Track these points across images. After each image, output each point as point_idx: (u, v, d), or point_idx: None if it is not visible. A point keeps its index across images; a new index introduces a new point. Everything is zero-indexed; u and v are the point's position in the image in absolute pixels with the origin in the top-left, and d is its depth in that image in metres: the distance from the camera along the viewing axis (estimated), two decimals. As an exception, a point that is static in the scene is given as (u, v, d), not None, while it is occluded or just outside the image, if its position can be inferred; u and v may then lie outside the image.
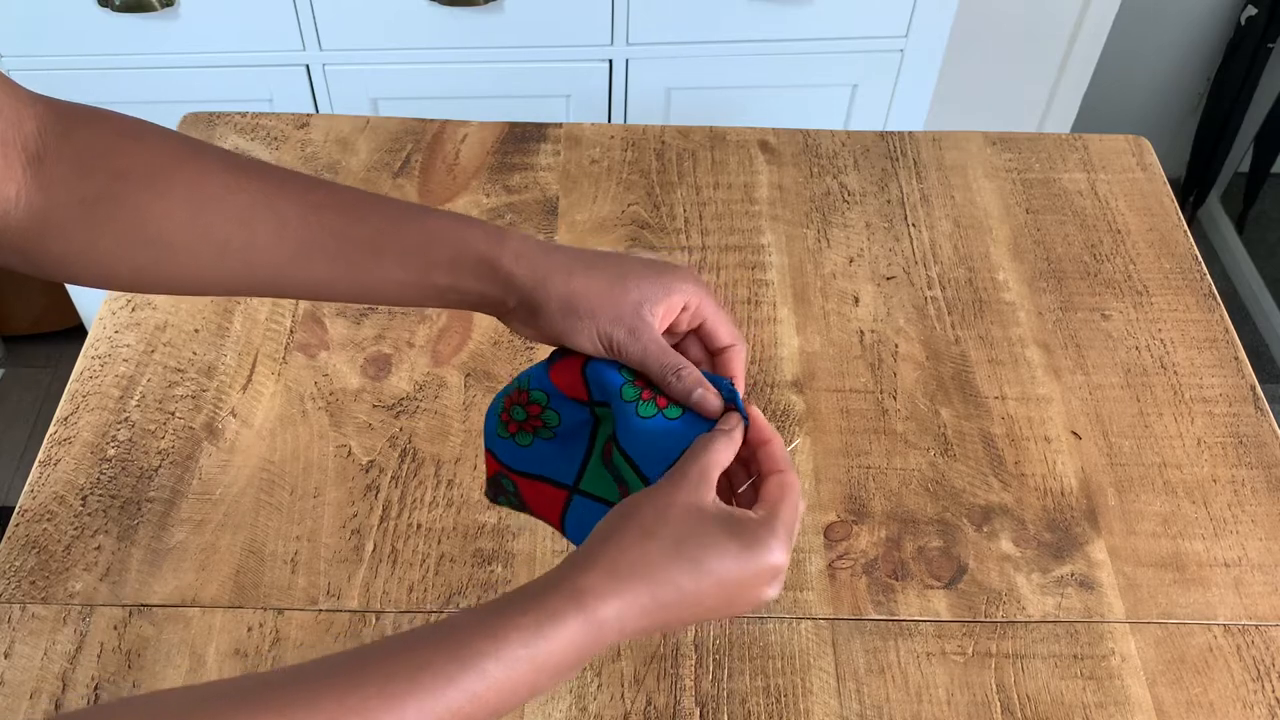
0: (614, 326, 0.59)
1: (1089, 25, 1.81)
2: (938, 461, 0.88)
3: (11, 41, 1.44)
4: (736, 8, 1.46)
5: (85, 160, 0.56)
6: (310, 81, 1.50)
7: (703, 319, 0.62)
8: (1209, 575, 0.82)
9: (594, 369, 0.60)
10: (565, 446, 0.63)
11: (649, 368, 0.59)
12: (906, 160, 1.14)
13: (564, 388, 0.61)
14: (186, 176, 0.58)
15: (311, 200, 0.60)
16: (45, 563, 0.80)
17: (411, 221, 0.60)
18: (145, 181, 0.57)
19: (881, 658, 0.77)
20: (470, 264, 0.59)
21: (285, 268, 0.59)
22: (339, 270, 0.60)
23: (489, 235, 0.60)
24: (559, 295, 0.59)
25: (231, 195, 0.58)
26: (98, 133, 0.58)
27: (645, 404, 0.59)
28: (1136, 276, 1.03)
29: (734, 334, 0.62)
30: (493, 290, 0.60)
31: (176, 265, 0.59)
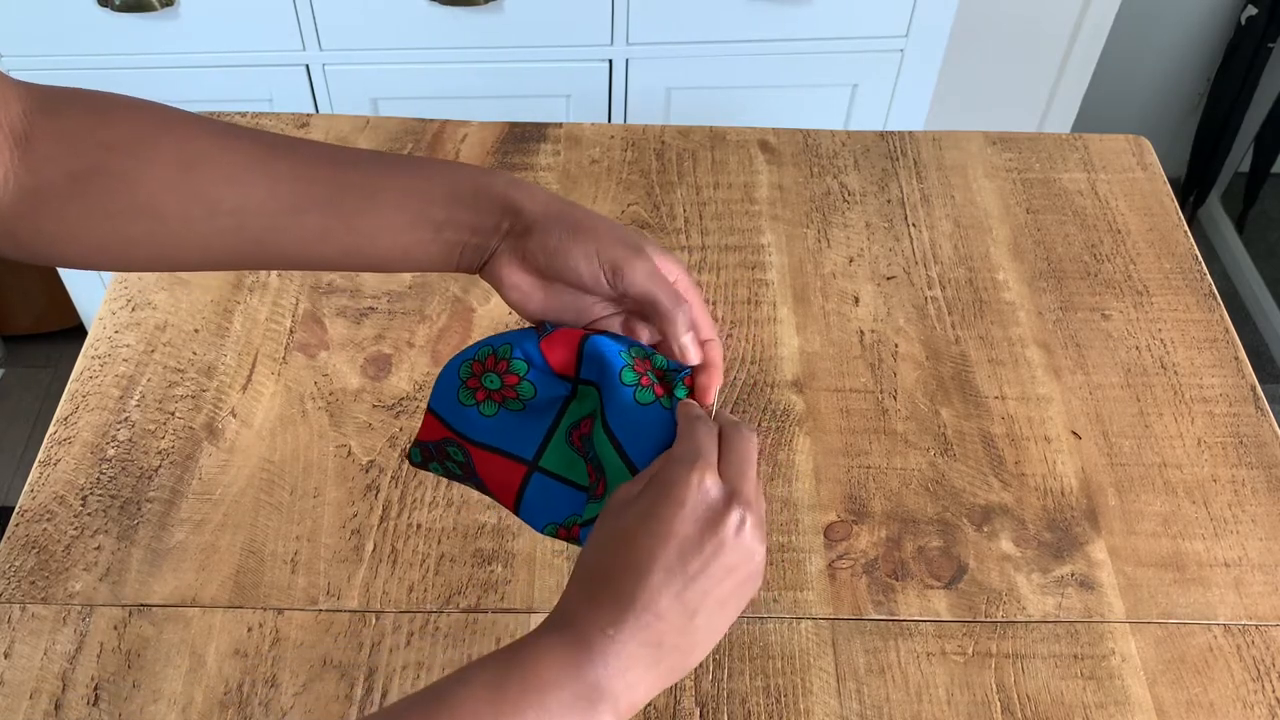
0: (618, 249, 0.56)
1: (1089, 25, 1.81)
2: (938, 461, 0.88)
3: (11, 41, 1.44)
4: (736, 8, 1.46)
5: (73, 135, 0.56)
6: (310, 81, 1.50)
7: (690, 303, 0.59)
8: (1209, 575, 0.82)
9: (594, 344, 0.57)
10: (529, 419, 0.60)
11: (656, 296, 0.56)
12: (906, 160, 1.14)
13: (554, 363, 0.59)
14: (174, 139, 0.57)
15: (303, 154, 0.59)
16: (45, 563, 0.80)
17: (403, 164, 0.60)
18: (133, 148, 0.57)
19: (881, 658, 0.77)
20: (467, 193, 0.58)
21: (278, 221, 0.58)
22: (333, 219, 0.58)
23: (485, 170, 0.59)
24: (561, 214, 0.57)
25: (221, 154, 0.58)
26: (84, 108, 0.57)
27: (644, 390, 0.57)
28: (1136, 276, 1.03)
29: (713, 327, 0.60)
30: (487, 216, 0.58)
31: (168, 233, 0.58)
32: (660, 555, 0.49)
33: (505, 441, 0.60)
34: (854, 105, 1.59)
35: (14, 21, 1.41)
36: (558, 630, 0.49)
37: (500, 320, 0.96)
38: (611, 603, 0.49)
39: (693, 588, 0.49)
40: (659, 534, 0.49)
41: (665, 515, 0.50)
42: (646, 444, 0.56)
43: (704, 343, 0.59)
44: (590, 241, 0.56)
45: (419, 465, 0.64)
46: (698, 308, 0.59)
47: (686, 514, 0.50)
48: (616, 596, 0.49)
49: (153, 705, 0.73)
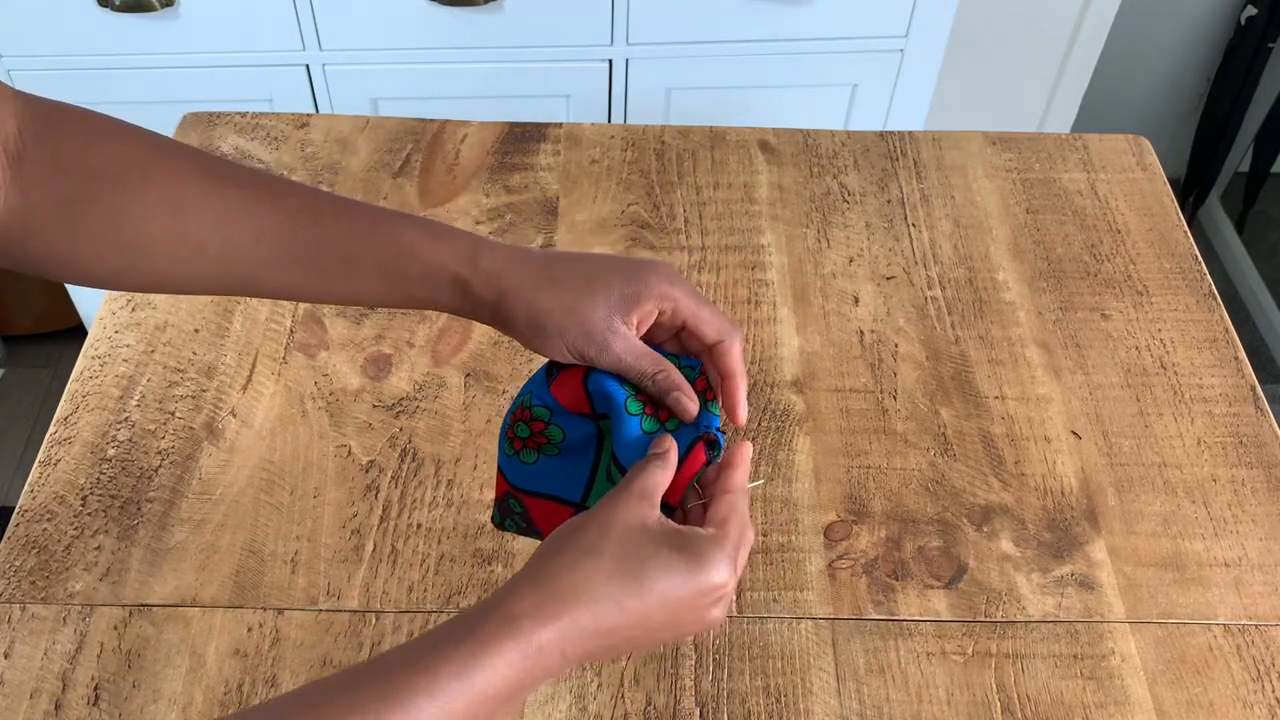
0: (584, 342, 0.58)
1: (1089, 25, 1.81)
2: (938, 461, 0.88)
3: (11, 41, 1.44)
4: (736, 8, 1.46)
5: (61, 160, 0.56)
6: (310, 81, 1.50)
7: (683, 319, 0.60)
8: (1209, 575, 0.82)
9: (595, 381, 0.59)
10: (571, 462, 0.62)
11: (626, 375, 0.59)
12: (906, 160, 1.14)
13: (566, 402, 0.60)
14: (162, 178, 0.58)
15: (286, 206, 0.60)
16: (45, 563, 0.80)
17: (385, 234, 0.60)
18: (120, 182, 0.57)
19: (881, 658, 0.77)
20: (443, 282, 0.60)
21: (262, 271, 0.60)
22: (315, 278, 0.60)
23: (459, 253, 0.60)
24: (525, 314, 0.59)
25: (207, 199, 0.58)
26: (73, 132, 0.57)
27: (649, 419, 0.58)
28: (1136, 276, 1.03)
29: (721, 328, 0.60)
30: (466, 306, 0.60)
31: (153, 267, 0.59)
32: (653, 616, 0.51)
33: (551, 486, 0.62)
34: (854, 105, 1.59)
35: (14, 21, 1.41)
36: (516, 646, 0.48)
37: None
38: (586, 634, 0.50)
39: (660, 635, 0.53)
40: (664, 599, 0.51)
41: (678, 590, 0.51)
42: None
43: (711, 348, 0.60)
44: (559, 341, 0.58)
45: (499, 526, 0.66)
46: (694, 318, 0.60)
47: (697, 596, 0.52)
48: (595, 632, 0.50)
49: (153, 705, 0.73)
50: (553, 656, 0.49)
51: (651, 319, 0.60)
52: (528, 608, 0.49)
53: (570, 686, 0.74)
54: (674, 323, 0.60)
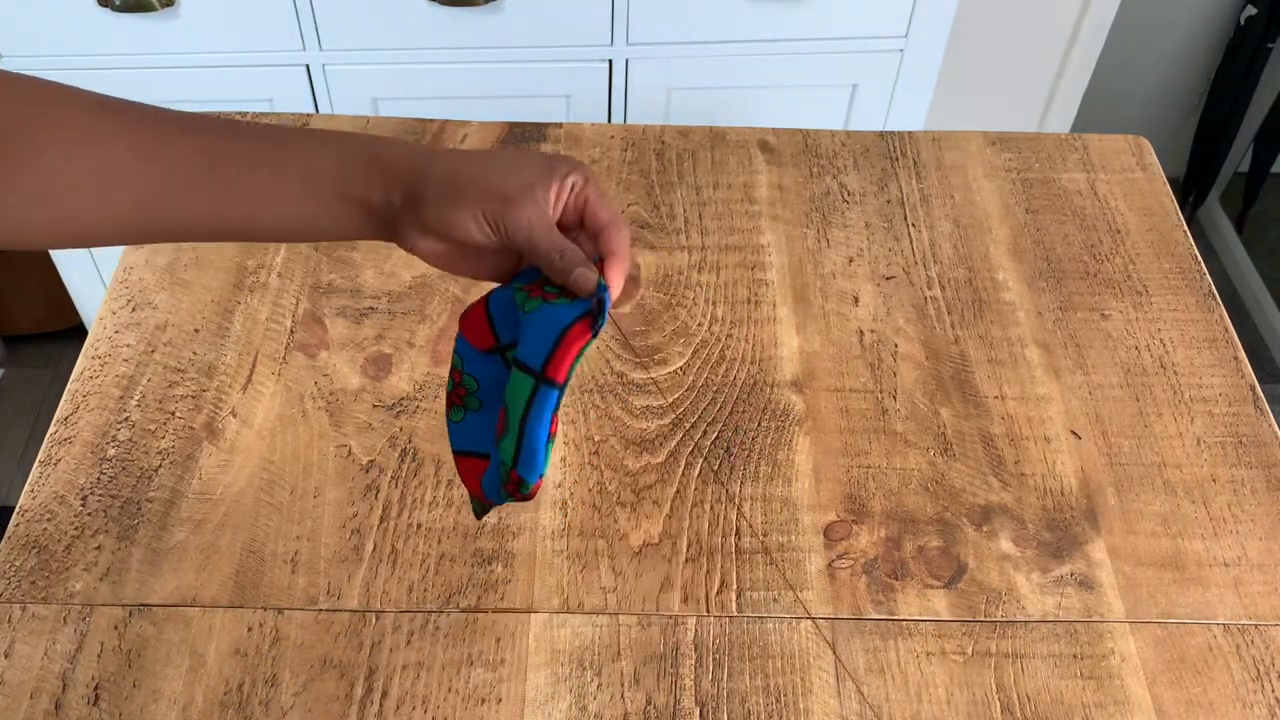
0: (498, 203, 0.56)
1: (1089, 25, 1.81)
2: (937, 461, 0.88)
3: (11, 41, 1.44)
4: (736, 8, 1.46)
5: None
6: (310, 81, 1.50)
7: (585, 197, 0.59)
8: (1209, 575, 0.82)
9: (495, 296, 0.58)
10: (493, 414, 0.60)
11: (535, 246, 0.56)
12: (906, 160, 1.14)
13: (473, 338, 0.59)
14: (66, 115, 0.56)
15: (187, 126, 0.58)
16: (45, 563, 0.80)
17: (294, 135, 0.59)
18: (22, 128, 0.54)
19: (881, 657, 0.77)
20: (357, 164, 0.57)
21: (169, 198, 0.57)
22: (225, 196, 0.57)
23: (375, 140, 0.59)
24: (442, 176, 0.57)
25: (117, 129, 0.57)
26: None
27: (532, 300, 0.56)
28: (1136, 276, 1.03)
29: (615, 214, 0.60)
30: (378, 190, 0.57)
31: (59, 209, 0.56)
32: None
33: (473, 443, 0.61)
34: (854, 105, 1.59)
35: (14, 21, 1.41)
36: None
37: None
38: None
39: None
40: None
41: None
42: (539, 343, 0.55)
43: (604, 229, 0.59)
44: (473, 202, 0.56)
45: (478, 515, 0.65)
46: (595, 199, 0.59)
47: None
48: None
49: (153, 705, 0.73)
50: None
51: (564, 200, 0.59)
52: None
53: (570, 686, 0.74)
54: (577, 204, 0.59)
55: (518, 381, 0.55)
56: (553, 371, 0.54)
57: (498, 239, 0.57)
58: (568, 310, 0.55)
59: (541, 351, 0.54)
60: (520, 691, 0.74)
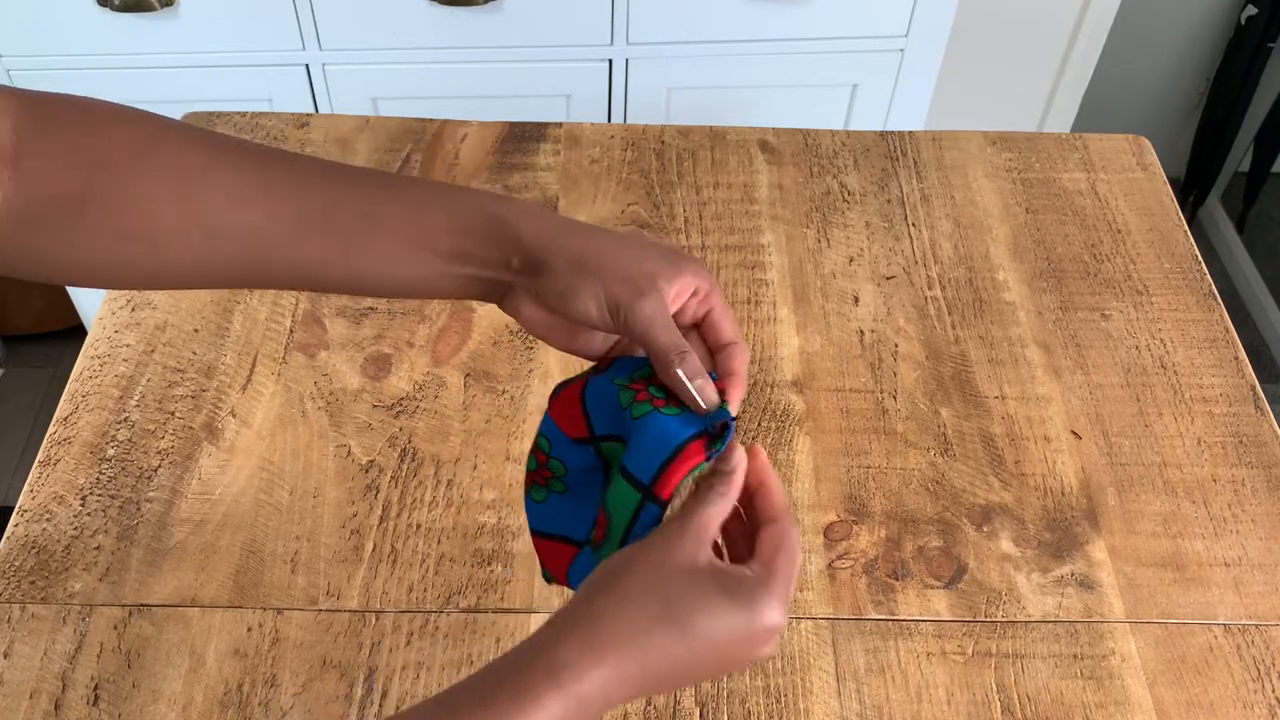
0: (623, 288, 0.54)
1: (1089, 25, 1.81)
2: (938, 461, 0.88)
3: (11, 41, 1.44)
4: (736, 8, 1.46)
5: (64, 153, 0.53)
6: (310, 81, 1.50)
7: (710, 308, 0.58)
8: (1209, 575, 0.82)
9: (592, 387, 0.56)
10: (578, 499, 0.58)
11: (654, 341, 0.54)
12: (906, 160, 1.14)
13: (564, 424, 0.57)
14: (169, 155, 0.54)
15: (302, 171, 0.56)
16: (45, 563, 0.80)
17: (411, 187, 0.57)
18: (125, 167, 0.54)
19: (881, 658, 0.77)
20: (475, 223, 0.55)
21: (277, 248, 0.55)
22: (333, 246, 0.55)
23: (493, 196, 0.57)
24: (568, 249, 0.55)
25: (218, 172, 0.55)
26: (74, 123, 0.54)
27: (640, 404, 0.53)
28: (1136, 276, 1.03)
29: (737, 330, 0.58)
30: (495, 251, 0.55)
31: (158, 257, 0.55)
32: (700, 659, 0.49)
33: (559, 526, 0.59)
34: (854, 105, 1.59)
35: (14, 21, 1.41)
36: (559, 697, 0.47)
37: (500, 321, 0.96)
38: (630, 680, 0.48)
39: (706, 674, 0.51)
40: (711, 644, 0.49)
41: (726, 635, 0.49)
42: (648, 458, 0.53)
43: (726, 347, 0.58)
44: (596, 282, 0.54)
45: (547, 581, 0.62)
46: (719, 311, 0.58)
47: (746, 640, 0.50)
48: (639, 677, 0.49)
49: (153, 705, 0.73)
50: (595, 704, 0.48)
51: (684, 299, 0.57)
52: (571, 656, 0.47)
53: (570, 686, 0.74)
54: (699, 311, 0.58)
55: (623, 490, 0.53)
56: (660, 489, 0.52)
57: (614, 324, 0.55)
58: (680, 425, 0.53)
59: (651, 466, 0.52)
60: (520, 692, 0.74)
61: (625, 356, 0.57)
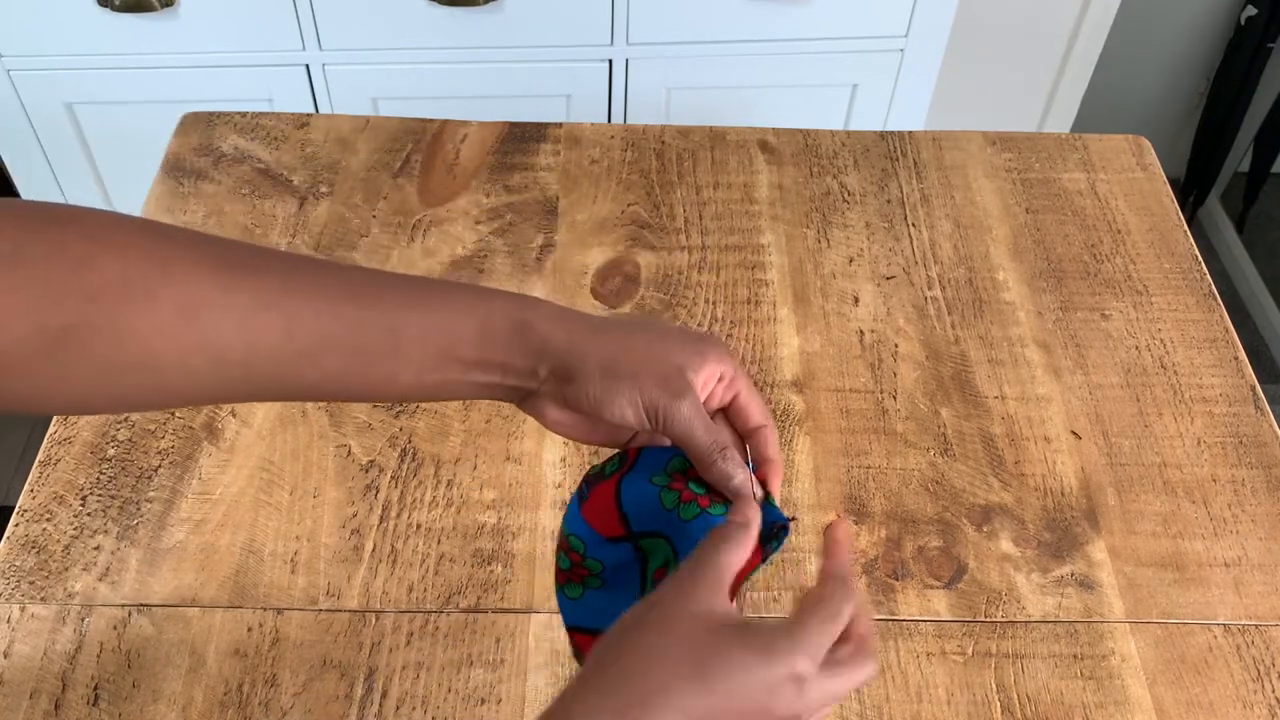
0: (658, 391, 0.54)
1: (1089, 25, 1.81)
2: (938, 461, 0.88)
3: (11, 41, 1.44)
4: (736, 8, 1.46)
5: (46, 284, 0.47)
6: (310, 81, 1.50)
7: (737, 391, 0.57)
8: (1209, 575, 0.82)
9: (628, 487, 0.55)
10: (616, 592, 0.57)
11: (695, 442, 0.54)
12: (906, 160, 1.14)
13: (599, 526, 0.56)
14: (174, 286, 0.49)
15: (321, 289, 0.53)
16: (45, 562, 0.80)
17: (433, 294, 0.55)
18: (123, 298, 0.48)
19: (881, 658, 0.77)
20: (501, 331, 0.54)
21: (291, 366, 0.52)
22: (351, 360, 0.53)
23: (516, 300, 0.55)
24: (599, 356, 0.54)
25: (230, 297, 0.50)
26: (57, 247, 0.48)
27: (686, 506, 0.53)
28: (1136, 276, 1.03)
29: (765, 412, 0.58)
30: (522, 359, 0.55)
31: (163, 384, 0.51)
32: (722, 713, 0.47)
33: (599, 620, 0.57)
34: (854, 105, 1.59)
35: (14, 21, 1.41)
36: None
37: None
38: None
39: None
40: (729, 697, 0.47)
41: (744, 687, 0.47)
42: None
43: (756, 431, 0.57)
44: (632, 388, 0.54)
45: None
46: (746, 395, 0.58)
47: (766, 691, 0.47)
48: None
49: (153, 705, 0.73)
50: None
51: (713, 383, 0.57)
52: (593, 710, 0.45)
53: (570, 686, 0.74)
54: (725, 397, 0.58)
55: None
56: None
57: (653, 426, 0.55)
58: None
59: None
60: (520, 692, 0.74)
61: (652, 448, 0.57)
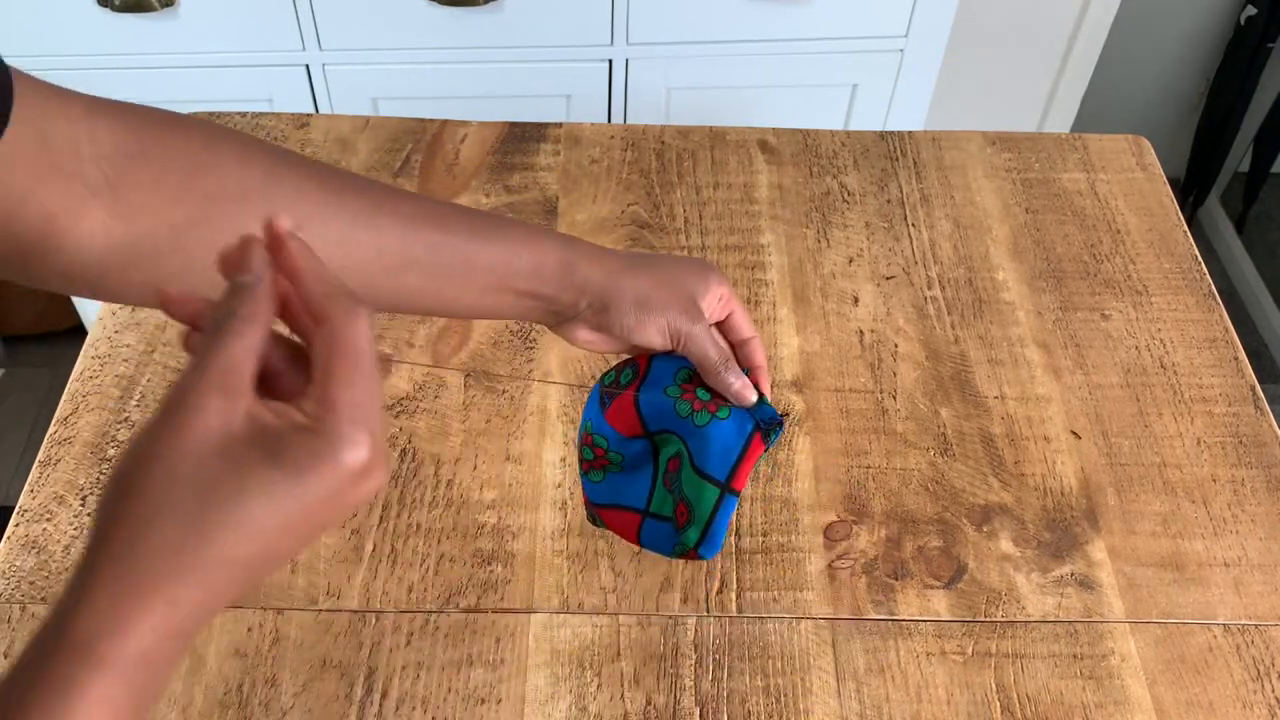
0: (680, 319, 0.63)
1: (1089, 25, 1.81)
2: (938, 461, 0.88)
3: (11, 41, 1.44)
4: (736, 8, 1.46)
5: (168, 184, 0.52)
6: (310, 81, 1.50)
7: (730, 310, 0.67)
8: (1209, 575, 0.82)
9: (646, 396, 0.65)
10: (634, 475, 0.67)
11: (707, 358, 0.63)
12: (906, 160, 1.14)
13: (621, 429, 0.66)
14: (283, 195, 0.56)
15: (408, 214, 0.61)
16: (45, 563, 0.80)
17: (497, 232, 0.63)
18: (240, 204, 0.54)
19: (881, 658, 0.77)
20: (550, 269, 0.63)
21: (378, 279, 0.60)
22: (429, 281, 0.62)
23: (562, 241, 0.64)
24: (631, 291, 0.63)
25: (332, 212, 0.58)
26: (176, 151, 0.53)
27: (699, 414, 0.63)
28: (1136, 276, 1.03)
29: (751, 326, 0.67)
30: (568, 294, 0.63)
31: None
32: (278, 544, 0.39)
33: (619, 498, 0.68)
34: (854, 105, 1.59)
35: (13, 21, 1.41)
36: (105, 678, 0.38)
37: (499, 322, 0.96)
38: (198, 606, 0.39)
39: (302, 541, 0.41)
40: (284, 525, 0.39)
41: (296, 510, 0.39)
42: (720, 460, 0.62)
43: (746, 342, 0.67)
44: (660, 316, 0.63)
45: (595, 524, 0.71)
46: (738, 312, 0.67)
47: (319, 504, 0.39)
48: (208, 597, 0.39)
49: (152, 705, 0.73)
50: (163, 652, 0.39)
51: (714, 306, 0.65)
52: (102, 623, 0.38)
53: (570, 687, 0.74)
54: (722, 314, 0.67)
55: (702, 487, 0.62)
56: (737, 483, 0.62)
57: (675, 347, 0.64)
58: (738, 425, 0.63)
59: (725, 466, 0.62)
60: (520, 691, 0.74)
61: (660, 358, 0.66)
